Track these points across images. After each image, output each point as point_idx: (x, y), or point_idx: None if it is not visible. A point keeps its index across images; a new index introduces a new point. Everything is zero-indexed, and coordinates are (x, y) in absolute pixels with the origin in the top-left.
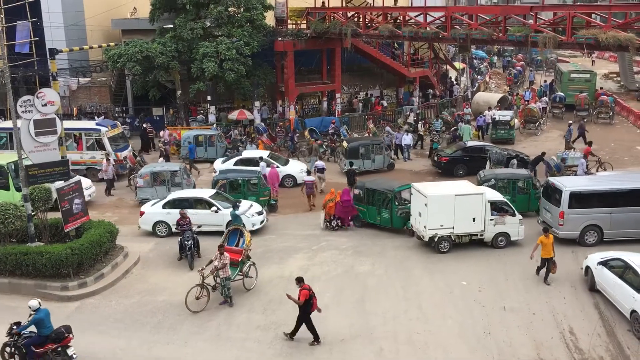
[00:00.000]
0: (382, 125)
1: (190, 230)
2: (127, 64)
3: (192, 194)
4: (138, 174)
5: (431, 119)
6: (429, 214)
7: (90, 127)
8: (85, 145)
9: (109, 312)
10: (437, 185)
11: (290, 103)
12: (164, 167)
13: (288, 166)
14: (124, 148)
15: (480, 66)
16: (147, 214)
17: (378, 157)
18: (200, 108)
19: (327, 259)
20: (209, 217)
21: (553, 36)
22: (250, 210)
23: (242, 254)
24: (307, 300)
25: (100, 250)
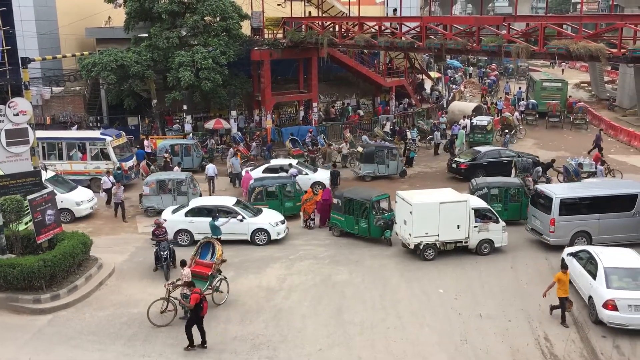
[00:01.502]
0: (359, 134)
1: (166, 240)
2: (101, 72)
3: (215, 202)
4: (144, 182)
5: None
6: (414, 222)
7: (94, 137)
8: (90, 155)
9: (82, 325)
10: (422, 193)
11: (267, 112)
12: (170, 176)
13: (317, 174)
14: (128, 158)
15: (455, 75)
16: (169, 222)
17: (392, 162)
18: (176, 117)
19: (304, 268)
20: (234, 226)
21: (526, 46)
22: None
23: (212, 268)
24: (197, 304)
25: (74, 262)
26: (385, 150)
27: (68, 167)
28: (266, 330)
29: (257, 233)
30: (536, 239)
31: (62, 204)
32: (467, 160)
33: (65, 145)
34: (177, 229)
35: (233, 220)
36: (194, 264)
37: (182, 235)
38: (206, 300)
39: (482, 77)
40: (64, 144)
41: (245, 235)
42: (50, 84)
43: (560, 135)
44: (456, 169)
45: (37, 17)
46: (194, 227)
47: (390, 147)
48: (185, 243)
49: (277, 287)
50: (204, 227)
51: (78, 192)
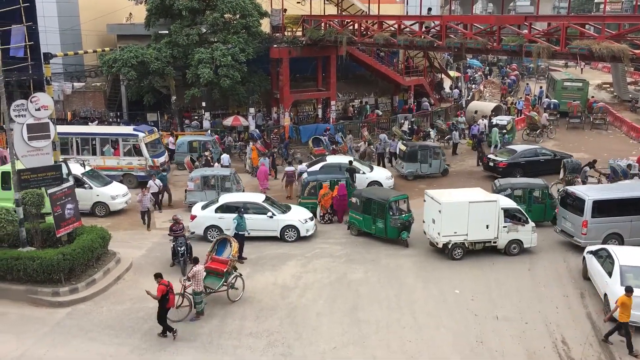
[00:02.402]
0: (376, 133)
1: (183, 236)
2: (122, 69)
3: (245, 198)
4: (188, 177)
5: (425, 127)
6: (442, 221)
7: (127, 133)
8: (123, 151)
9: (100, 319)
10: (451, 193)
11: (285, 110)
12: (214, 172)
13: (374, 172)
14: (160, 154)
15: (475, 75)
16: (199, 218)
17: (435, 161)
18: (195, 114)
19: (320, 266)
20: (264, 223)
21: (547, 46)
22: (300, 215)
23: (228, 265)
24: (163, 296)
25: (92, 256)
26: (429, 149)
27: (101, 163)
28: (281, 327)
29: (287, 230)
30: (564, 240)
31: (98, 198)
32: (506, 159)
33: (99, 141)
34: (207, 225)
35: (263, 217)
36: (210, 260)
37: (212, 231)
38: (173, 292)
39: (503, 76)
40: (97, 139)
41: (275, 232)
42: (71, 79)
43: (580, 136)
44: (494, 167)
45: (59, 13)
46: (224, 224)
47: (433, 147)
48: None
49: (293, 285)
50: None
51: (113, 187)
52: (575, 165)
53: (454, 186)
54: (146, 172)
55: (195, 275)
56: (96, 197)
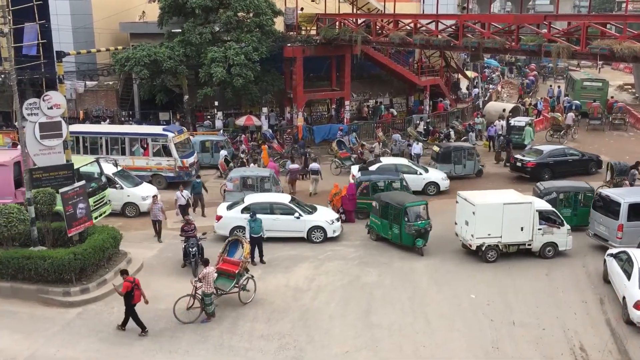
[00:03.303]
0: (391, 134)
1: (195, 237)
2: (134, 67)
3: (271, 198)
4: (227, 178)
5: (441, 128)
6: (476, 223)
7: (157, 133)
8: (152, 151)
9: (110, 319)
10: (485, 194)
11: (299, 110)
12: (253, 172)
13: (429, 173)
14: (189, 154)
15: (493, 75)
16: (225, 219)
17: (469, 162)
18: (207, 113)
19: (333, 268)
20: (290, 224)
21: (567, 46)
22: (327, 216)
23: (240, 266)
24: (128, 292)
25: (103, 256)
26: (463, 150)
27: (130, 163)
28: (293, 330)
29: (314, 231)
30: (585, 244)
31: (129, 198)
32: (534, 159)
33: (128, 141)
34: (233, 226)
35: (289, 218)
36: (221, 261)
37: (238, 232)
38: (139, 289)
39: (522, 76)
40: (126, 139)
41: (302, 233)
42: (84, 78)
43: (600, 138)
44: (522, 167)
45: (72, 11)
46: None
47: (467, 147)
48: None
49: (305, 287)
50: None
51: (143, 188)
52: (623, 167)
53: (479, 188)
54: (175, 173)
55: (205, 277)
56: (127, 197)
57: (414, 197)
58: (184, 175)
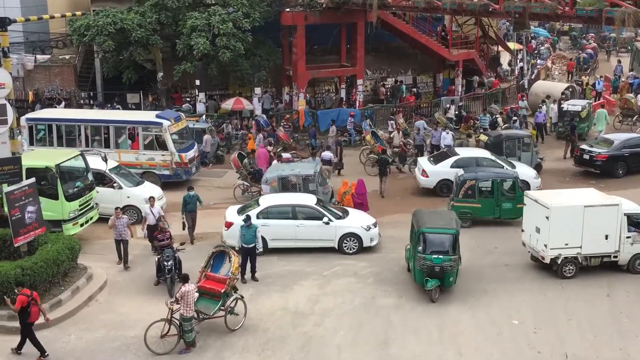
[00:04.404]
0: (414, 120)
1: (171, 247)
2: (96, 38)
3: (293, 200)
4: (263, 179)
5: (477, 113)
6: (551, 230)
7: (149, 121)
8: (143, 143)
9: (66, 349)
10: (560, 194)
11: (300, 90)
12: (294, 171)
13: (517, 169)
14: (189, 147)
15: (541, 48)
16: (236, 226)
17: (525, 154)
18: (187, 95)
19: (341, 287)
20: (317, 231)
21: (634, 11)
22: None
23: (227, 284)
24: (24, 308)
25: (58, 271)
26: (517, 139)
27: (115, 158)
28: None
29: (347, 239)
30: None
31: (129, 200)
32: (605, 150)
33: (113, 130)
34: None
35: (316, 224)
36: (204, 278)
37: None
38: (37, 304)
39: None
40: (111, 128)
41: (332, 242)
42: (34, 51)
43: None
44: (589, 161)
45: None
46: (269, 232)
47: (522, 136)
48: (257, 252)
49: (307, 311)
50: (282, 231)
51: (146, 187)
52: None
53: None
54: (171, 171)
55: (184, 297)
56: (127, 199)
57: (449, 220)
58: (182, 174)
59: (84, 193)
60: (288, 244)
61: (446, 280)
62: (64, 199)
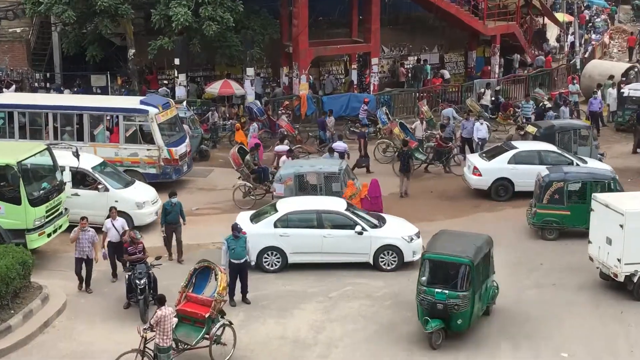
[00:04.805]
0: (440, 108)
1: (144, 262)
2: (53, 7)
3: (318, 204)
4: (276, 177)
5: (518, 100)
6: (626, 241)
7: (131, 108)
8: (124, 135)
9: None
10: (636, 197)
11: (302, 72)
12: (315, 167)
13: (590, 165)
14: (180, 140)
15: (597, 20)
16: (249, 236)
17: (582, 149)
18: (164, 77)
19: (352, 312)
20: (349, 243)
21: None
22: (403, 230)
23: (212, 307)
24: None
25: (7, 291)
26: (572, 130)
27: (90, 153)
28: None
29: (384, 252)
30: None
31: (118, 205)
32: None
33: (88, 119)
34: (261, 247)
35: (348, 234)
36: (184, 300)
37: (269, 256)
38: None
39: None
40: (85, 116)
41: (366, 256)
42: None
43: None
44: None
45: None
46: (289, 244)
47: (578, 127)
48: (274, 268)
49: (310, 340)
50: (305, 243)
51: (138, 189)
52: None
53: None
54: (159, 169)
55: (160, 323)
56: (114, 203)
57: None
58: (171, 172)
59: (51, 196)
60: (312, 259)
61: (453, 323)
62: (28, 204)
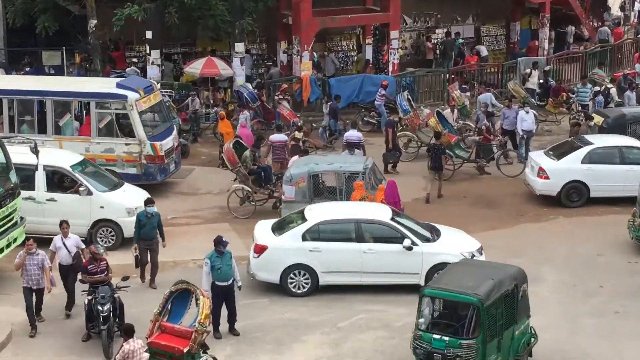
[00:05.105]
0: (476, 93)
1: (108, 284)
2: None
3: (356, 212)
4: (286, 177)
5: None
6: None
7: (106, 92)
8: (96, 127)
9: None
10: None
11: (304, 47)
12: (334, 165)
13: None
14: (166, 133)
15: None
16: (271, 251)
17: None
18: (133, 53)
19: (366, 346)
20: (396, 260)
21: None
22: (461, 244)
23: (192, 341)
24: None
25: None
26: None
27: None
28: None
29: (439, 272)
30: None
31: (103, 212)
32: None
33: (51, 107)
34: (287, 265)
35: (394, 249)
36: (158, 330)
37: (296, 276)
38: None
39: None
40: (48, 103)
41: (416, 277)
42: None
43: None
44: None
45: None
46: (321, 262)
47: None
48: (301, 290)
49: None
50: (342, 260)
51: (128, 192)
52: None
53: None
54: (140, 168)
55: (128, 359)
56: (99, 210)
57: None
58: (156, 172)
59: (3, 202)
60: (349, 280)
61: None
62: None
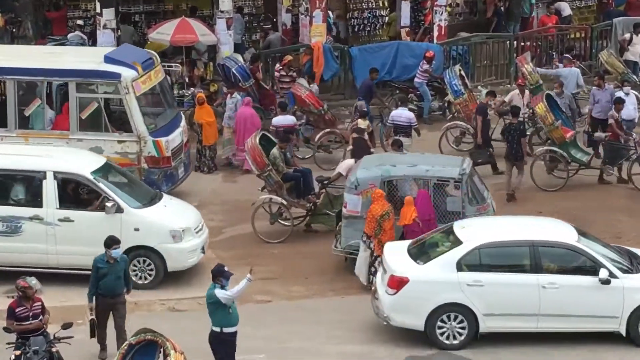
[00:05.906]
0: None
1: (43, 334)
2: None
3: (530, 231)
4: (349, 183)
5: None
6: None
7: (91, 70)
8: (77, 117)
9: None
10: None
11: (315, 5)
12: (418, 167)
13: None
14: (173, 125)
15: None
16: (416, 285)
17: None
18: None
19: None
20: (587, 298)
21: None
22: None
23: None
24: None
25: None
26: None
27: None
28: None
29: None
30: None
31: (138, 236)
32: None
33: (13, 90)
34: (437, 304)
35: (584, 282)
36: None
37: (447, 320)
38: None
39: None
40: (9, 85)
41: (615, 321)
42: None
43: None
44: None
45: None
46: (483, 300)
47: None
48: (456, 342)
49: None
50: (512, 299)
51: (171, 207)
52: None
53: None
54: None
55: None
56: (133, 234)
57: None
58: (160, 180)
59: None
60: (523, 325)
61: None
62: None
